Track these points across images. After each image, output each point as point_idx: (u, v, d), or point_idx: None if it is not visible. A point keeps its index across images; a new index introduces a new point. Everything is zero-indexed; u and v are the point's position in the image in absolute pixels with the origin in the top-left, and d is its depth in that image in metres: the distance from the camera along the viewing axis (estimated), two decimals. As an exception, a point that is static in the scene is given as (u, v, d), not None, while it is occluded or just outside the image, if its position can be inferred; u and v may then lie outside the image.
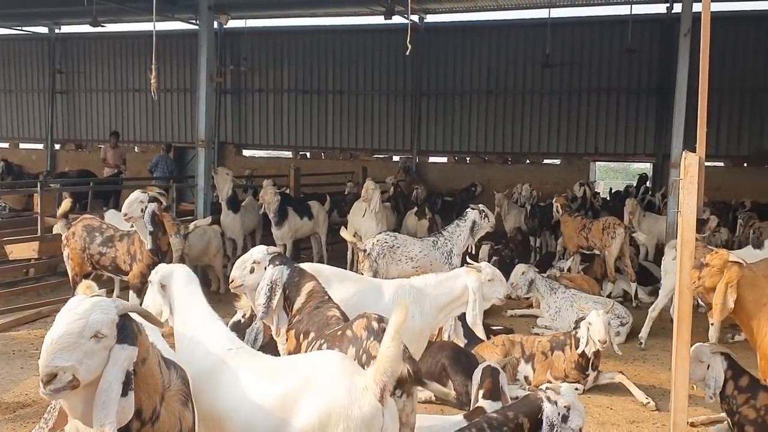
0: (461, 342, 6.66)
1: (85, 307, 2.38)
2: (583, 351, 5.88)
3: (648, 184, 17.29)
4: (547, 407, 4.08)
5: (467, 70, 18.79)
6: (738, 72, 16.57)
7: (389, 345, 2.89)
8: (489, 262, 8.75)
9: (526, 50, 18.04)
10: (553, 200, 10.90)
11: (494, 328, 7.18)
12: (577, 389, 5.94)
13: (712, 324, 6.90)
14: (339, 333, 3.55)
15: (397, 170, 18.12)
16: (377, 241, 7.57)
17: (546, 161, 18.90)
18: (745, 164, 16.98)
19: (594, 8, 18.18)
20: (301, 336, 3.92)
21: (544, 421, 4.06)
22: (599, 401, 5.85)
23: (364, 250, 7.49)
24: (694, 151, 4.78)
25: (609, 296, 9.16)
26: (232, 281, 4.31)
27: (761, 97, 16.56)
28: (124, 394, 2.36)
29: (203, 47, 9.89)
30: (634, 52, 15.07)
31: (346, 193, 14.41)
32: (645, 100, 17.30)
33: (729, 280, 4.49)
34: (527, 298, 8.99)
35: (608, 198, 17.01)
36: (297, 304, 4.04)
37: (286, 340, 4.09)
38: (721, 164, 17.29)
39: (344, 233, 7.73)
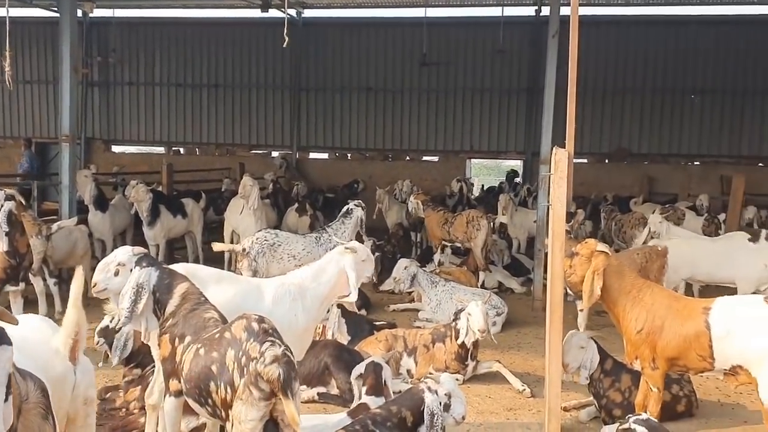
0: (344, 339, 6.63)
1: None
2: (463, 342, 6.00)
3: (517, 180, 18.12)
4: (428, 398, 4.11)
5: (347, 67, 18.81)
6: (600, 74, 17.65)
7: (70, 310, 3.09)
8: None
9: (404, 49, 18.31)
10: (411, 198, 11.01)
11: (377, 323, 7.19)
12: (457, 380, 6.07)
13: (581, 311, 7.26)
14: (217, 335, 3.38)
15: (277, 166, 17.85)
16: (256, 239, 7.35)
17: (425, 158, 19.29)
18: (607, 161, 18.13)
19: (468, 9, 18.78)
20: (176, 340, 3.71)
21: (425, 412, 4.09)
22: (478, 390, 5.99)
23: (243, 249, 7.27)
24: (563, 147, 4.96)
25: (482, 286, 9.44)
26: (95, 285, 4.02)
27: (621, 97, 17.75)
28: (6, 399, 2.16)
29: (65, 36, 9.21)
30: (506, 53, 15.66)
31: (222, 190, 14.00)
32: (516, 99, 18.05)
33: (596, 268, 4.70)
34: (410, 293, 9.08)
35: (479, 194, 17.60)
36: (170, 308, 3.81)
37: (159, 345, 3.86)
38: (585, 161, 18.36)
39: (217, 246, 7.39)
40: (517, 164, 19.49)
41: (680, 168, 17.65)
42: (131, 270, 3.88)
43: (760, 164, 17.44)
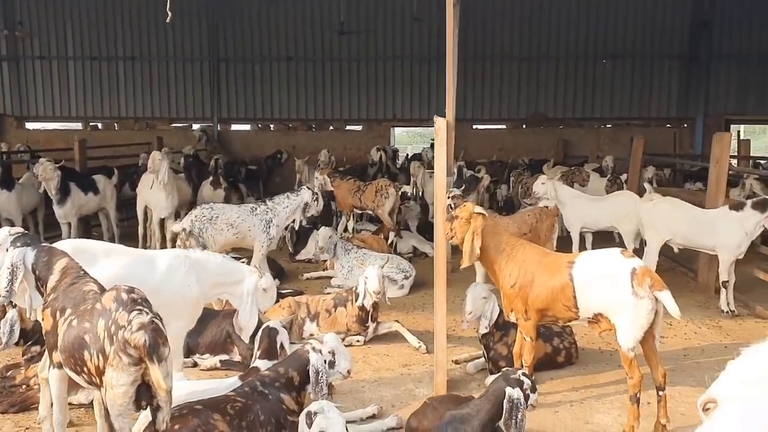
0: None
1: None
2: (363, 304, 6.25)
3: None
4: (312, 357, 4.33)
5: (265, 36, 18.64)
6: (516, 40, 18.08)
7: None
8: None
9: (322, 17, 18.23)
10: (317, 174, 11.16)
11: (283, 291, 7.36)
12: (358, 341, 6.37)
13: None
14: (89, 307, 3.49)
15: (196, 139, 17.65)
16: (195, 217, 7.55)
17: (349, 127, 19.40)
18: (524, 126, 18.65)
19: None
20: (58, 313, 3.79)
21: (310, 370, 4.31)
22: (378, 350, 6.27)
23: (184, 229, 7.43)
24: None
25: (395, 251, 9.73)
26: (-25, 266, 4.04)
27: (537, 63, 18.21)
28: None
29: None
30: (421, 21, 15.82)
31: (139, 165, 13.79)
32: (435, 66, 18.26)
33: (474, 229, 4.98)
34: (324, 261, 9.28)
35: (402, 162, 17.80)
36: (50, 283, 3.89)
37: (43, 319, 3.94)
38: (503, 127, 18.85)
39: (174, 226, 7.60)
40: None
41: (593, 131, 18.32)
42: (7, 250, 3.92)
43: (668, 125, 18.28)
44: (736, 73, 17.80)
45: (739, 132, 18.58)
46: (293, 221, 8.21)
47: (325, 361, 4.36)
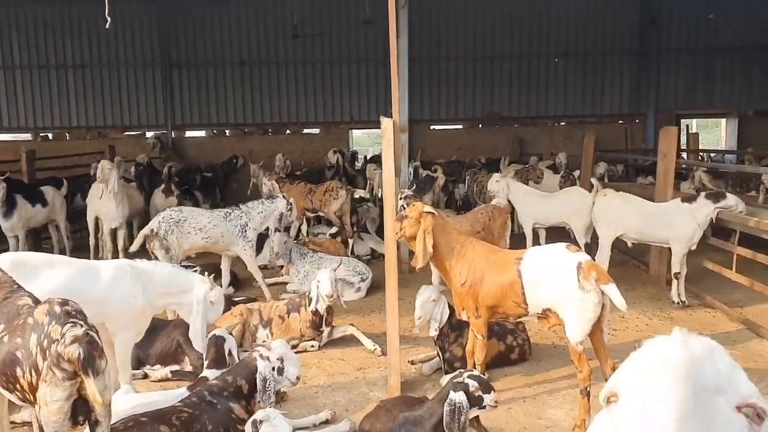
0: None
1: None
2: (316, 309, 6.19)
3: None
4: (260, 364, 4.26)
5: (218, 41, 18.41)
6: (470, 41, 18.20)
7: None
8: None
9: (276, 21, 18.09)
10: (265, 180, 11.09)
11: (235, 299, 7.26)
12: (313, 346, 6.30)
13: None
14: (22, 322, 3.37)
15: (150, 147, 17.34)
16: (162, 218, 7.49)
17: (306, 131, 19.28)
18: (480, 125, 18.78)
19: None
20: (-9, 330, 3.67)
21: (257, 378, 4.24)
22: (333, 354, 6.21)
23: (151, 230, 7.37)
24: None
25: (353, 254, 9.68)
26: None
27: (491, 63, 18.36)
28: None
29: None
30: (375, 23, 15.79)
31: (91, 174, 13.47)
32: (390, 69, 18.23)
33: (425, 228, 4.97)
34: (281, 267, 9.18)
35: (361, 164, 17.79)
36: (-18, 298, 3.76)
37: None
38: (460, 127, 18.96)
39: (134, 246, 7.47)
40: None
41: (548, 129, 18.55)
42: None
43: (620, 121, 18.60)
44: (685, 68, 18.20)
45: (687, 126, 19.00)
46: (266, 229, 8.16)
47: (273, 368, 4.30)
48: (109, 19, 6.48)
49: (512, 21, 18.14)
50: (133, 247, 7.44)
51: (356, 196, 10.15)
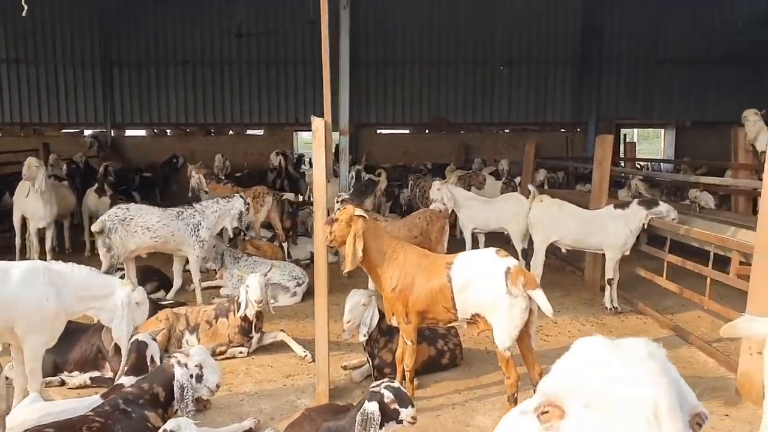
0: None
1: None
2: (245, 314, 6.01)
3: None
4: (177, 371, 4.09)
5: (161, 39, 18.02)
6: (416, 46, 18.23)
7: None
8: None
9: (220, 20, 17.78)
10: (193, 173, 10.83)
11: (162, 302, 7.01)
12: (241, 352, 6.12)
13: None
14: None
15: (87, 145, 16.80)
16: (108, 216, 7.30)
17: (249, 132, 19.00)
18: (427, 131, 18.83)
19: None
20: None
21: (175, 385, 4.06)
22: (262, 361, 6.04)
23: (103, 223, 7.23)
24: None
25: (290, 258, 9.52)
26: None
27: (437, 69, 18.43)
28: None
29: None
30: (316, 24, 15.69)
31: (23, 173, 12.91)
32: (336, 71, 18.12)
33: (356, 232, 4.86)
34: (215, 271, 8.94)
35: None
36: None
37: None
38: (407, 131, 18.98)
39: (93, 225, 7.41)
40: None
41: (492, 136, 18.72)
42: None
43: (563, 129, 18.91)
44: (626, 79, 18.62)
45: (625, 135, 19.46)
46: (223, 228, 7.99)
47: (191, 376, 4.12)
48: (26, 6, 6.11)
49: (458, 27, 18.26)
50: (95, 228, 7.35)
51: (283, 198, 9.98)
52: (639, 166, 15.17)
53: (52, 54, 17.86)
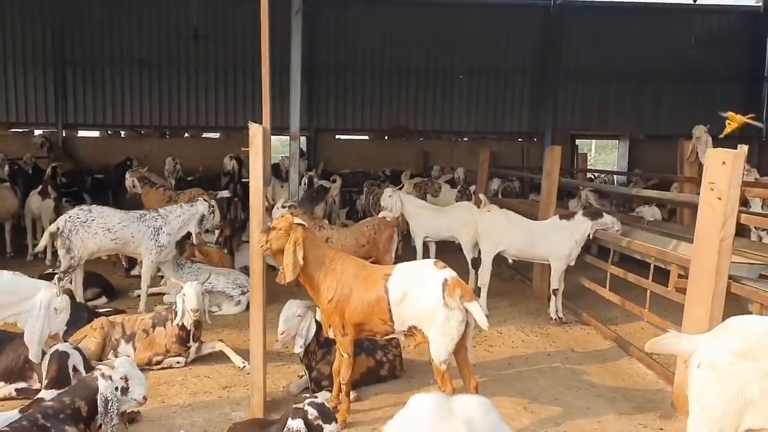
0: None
1: None
2: (183, 324, 5.87)
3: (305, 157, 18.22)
4: (101, 384, 3.95)
5: (116, 39, 17.67)
6: (377, 53, 18.22)
7: None
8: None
9: (178, 21, 17.48)
10: (127, 174, 10.64)
11: (99, 310, 6.82)
12: (179, 362, 5.96)
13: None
14: None
15: (37, 146, 16.34)
16: (69, 217, 7.31)
17: (206, 135, 18.74)
18: (386, 137, 18.81)
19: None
20: None
21: (99, 399, 3.92)
22: (200, 371, 5.89)
23: (57, 229, 7.24)
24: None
25: (239, 266, 9.36)
26: None
27: (398, 77, 18.43)
28: None
29: None
30: (274, 28, 15.56)
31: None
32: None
33: (296, 240, 4.75)
34: (161, 276, 8.74)
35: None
36: None
37: None
38: (366, 137, 18.93)
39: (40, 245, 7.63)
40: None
41: (451, 144, 18.79)
42: None
43: (520, 139, 19.07)
44: (582, 91, 18.87)
45: (577, 146, 19.73)
46: (189, 234, 7.89)
47: (116, 388, 3.99)
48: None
49: (419, 35, 18.29)
50: (39, 247, 7.46)
51: (218, 197, 9.86)
52: (592, 177, 15.36)
53: (2, 51, 17.35)
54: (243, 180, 13.90)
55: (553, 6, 18.49)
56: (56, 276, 7.24)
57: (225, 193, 10.28)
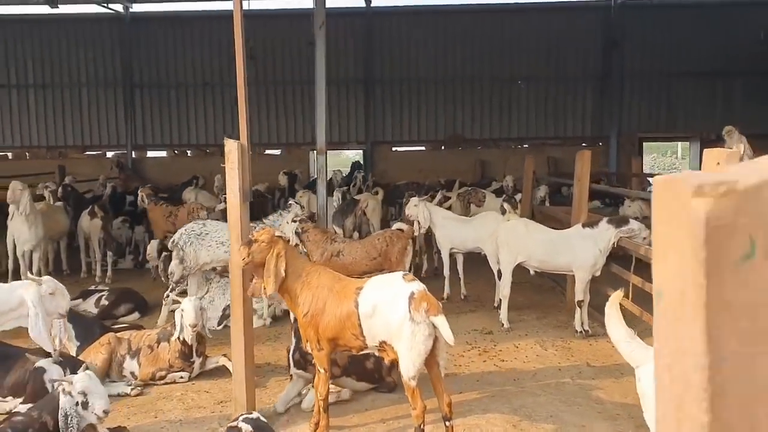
0: (73, 345, 6.40)
1: None
2: (185, 339, 5.94)
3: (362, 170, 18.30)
4: (61, 399, 4.04)
5: (180, 62, 18.38)
6: (431, 63, 18.10)
7: None
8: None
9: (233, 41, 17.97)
10: (140, 190, 11.07)
11: (115, 326, 7.01)
12: (182, 377, 6.04)
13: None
14: None
15: (109, 167, 17.21)
16: (185, 230, 7.76)
17: (268, 151, 19.15)
18: (443, 147, 18.62)
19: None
20: None
21: (59, 414, 4.01)
22: (201, 386, 5.94)
23: (173, 241, 7.68)
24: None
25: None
26: None
27: (453, 86, 18.23)
28: None
29: None
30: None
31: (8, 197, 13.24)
32: (354, 89, 18.28)
33: (278, 252, 4.72)
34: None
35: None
36: None
37: None
38: (423, 148, 18.81)
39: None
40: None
41: (510, 151, 18.36)
42: None
43: (583, 144, 18.40)
44: (647, 92, 18.04)
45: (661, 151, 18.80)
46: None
47: (76, 403, 4.06)
48: None
49: (473, 43, 18.04)
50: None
51: (217, 209, 9.98)
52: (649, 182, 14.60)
53: (77, 77, 18.40)
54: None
55: (614, 6, 17.81)
56: (169, 288, 7.66)
57: (221, 206, 10.46)
